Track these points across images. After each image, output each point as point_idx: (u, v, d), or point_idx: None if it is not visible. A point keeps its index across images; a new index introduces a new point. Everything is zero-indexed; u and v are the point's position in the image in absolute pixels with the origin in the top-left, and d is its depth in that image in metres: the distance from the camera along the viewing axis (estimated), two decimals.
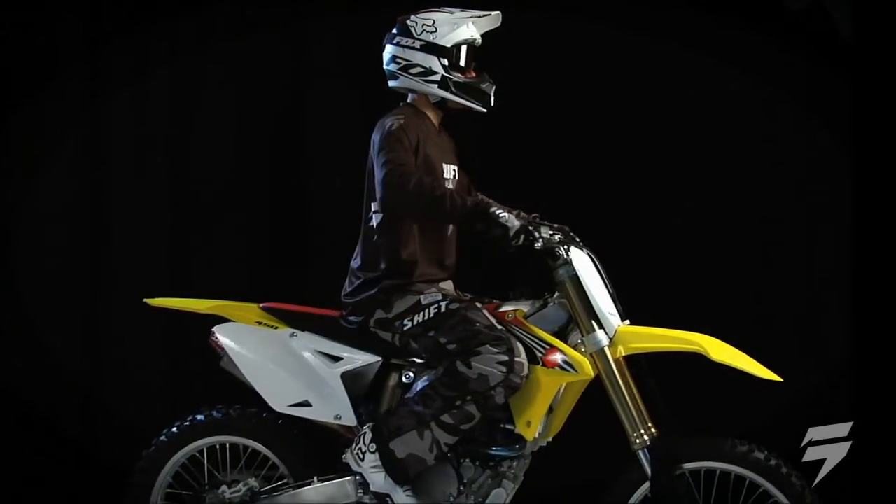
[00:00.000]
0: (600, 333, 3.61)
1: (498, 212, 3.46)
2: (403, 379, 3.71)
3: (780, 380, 3.63)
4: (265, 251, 5.22)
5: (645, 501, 3.63)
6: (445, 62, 3.71)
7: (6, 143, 5.08)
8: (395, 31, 3.78)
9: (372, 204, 3.69)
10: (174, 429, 3.87)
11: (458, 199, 3.47)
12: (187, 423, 3.87)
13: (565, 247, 3.61)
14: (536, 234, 3.50)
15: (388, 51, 3.79)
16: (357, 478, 3.67)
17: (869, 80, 5.05)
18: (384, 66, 3.82)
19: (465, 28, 3.73)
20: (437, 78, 3.71)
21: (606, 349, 3.60)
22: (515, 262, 3.78)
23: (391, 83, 3.82)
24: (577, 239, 3.72)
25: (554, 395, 3.59)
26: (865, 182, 5.09)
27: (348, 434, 3.74)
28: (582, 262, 3.64)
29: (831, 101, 5.19)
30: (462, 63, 3.75)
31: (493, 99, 3.79)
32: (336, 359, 3.75)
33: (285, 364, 3.77)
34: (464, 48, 3.75)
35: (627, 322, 3.68)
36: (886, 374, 5.01)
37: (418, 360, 3.72)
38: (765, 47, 5.18)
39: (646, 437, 3.56)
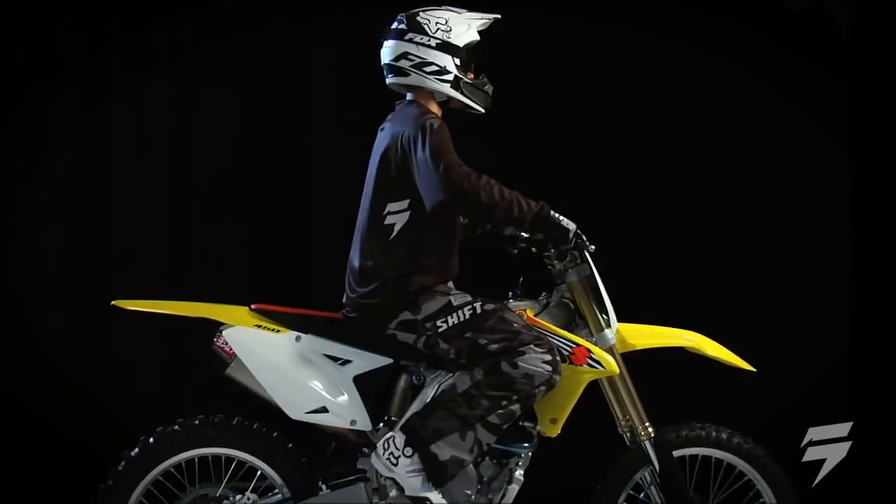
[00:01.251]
0: (609, 332, 3.68)
1: (557, 214, 3.53)
2: (414, 380, 3.67)
3: (754, 370, 3.81)
4: (265, 252, 5.22)
5: (636, 489, 3.76)
6: (458, 62, 3.69)
7: (6, 143, 5.08)
8: (403, 26, 3.67)
9: (389, 204, 3.61)
10: (150, 440, 3.61)
11: (523, 201, 3.48)
12: (165, 436, 3.60)
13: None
14: (584, 237, 3.58)
15: (396, 47, 3.69)
16: (371, 482, 3.62)
17: (869, 80, 5.06)
18: (388, 62, 3.71)
19: (474, 29, 3.72)
20: (450, 77, 3.66)
21: (614, 347, 3.69)
22: (516, 263, 3.79)
23: (397, 79, 3.72)
24: None
25: (581, 391, 3.64)
26: (865, 182, 5.10)
27: (359, 439, 3.65)
28: (592, 262, 3.70)
29: (831, 101, 5.20)
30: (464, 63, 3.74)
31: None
32: (344, 362, 3.63)
33: (298, 369, 3.61)
34: (467, 49, 3.74)
35: None
36: (886, 373, 5.02)
37: (424, 362, 3.67)
38: (765, 47, 5.19)
39: (650, 430, 3.68)
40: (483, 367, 3.54)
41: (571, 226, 3.55)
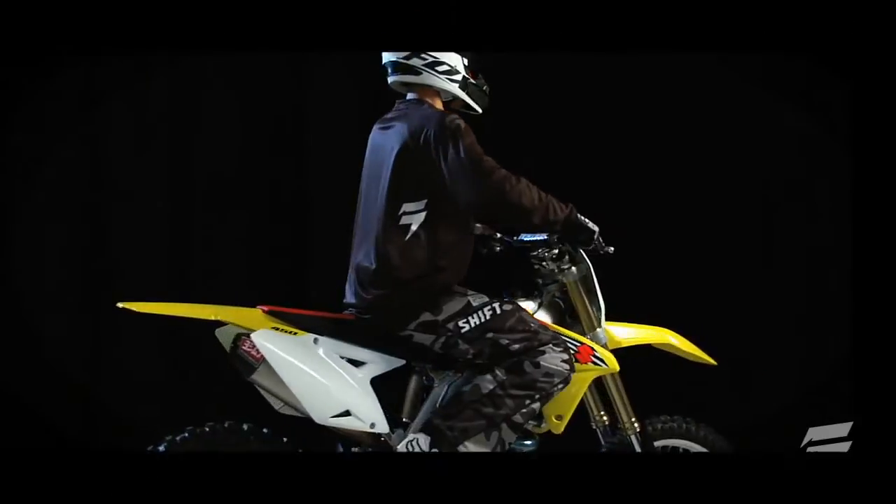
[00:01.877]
0: (601, 330, 3.76)
1: (582, 216, 3.62)
2: (424, 381, 3.68)
3: (715, 363, 3.96)
4: (265, 252, 5.22)
5: None
6: (465, 62, 3.71)
7: (6, 143, 5.07)
8: None
9: (405, 204, 3.58)
10: (160, 448, 3.49)
11: (556, 204, 3.57)
12: (175, 445, 3.48)
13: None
14: (601, 239, 3.66)
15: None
16: None
17: (869, 80, 5.05)
18: (397, 60, 3.70)
19: None
20: (458, 77, 3.69)
21: (606, 344, 3.76)
22: (512, 263, 3.81)
23: (405, 77, 3.71)
24: None
25: (585, 389, 3.71)
26: (865, 182, 5.09)
27: (373, 442, 3.63)
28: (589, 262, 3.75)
29: (831, 101, 5.20)
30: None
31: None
32: (360, 364, 3.60)
33: (320, 372, 3.54)
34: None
35: None
36: (886, 373, 5.01)
37: (431, 363, 3.68)
38: (765, 48, 5.18)
39: (636, 424, 3.80)
40: (505, 367, 3.57)
41: (595, 228, 3.63)
